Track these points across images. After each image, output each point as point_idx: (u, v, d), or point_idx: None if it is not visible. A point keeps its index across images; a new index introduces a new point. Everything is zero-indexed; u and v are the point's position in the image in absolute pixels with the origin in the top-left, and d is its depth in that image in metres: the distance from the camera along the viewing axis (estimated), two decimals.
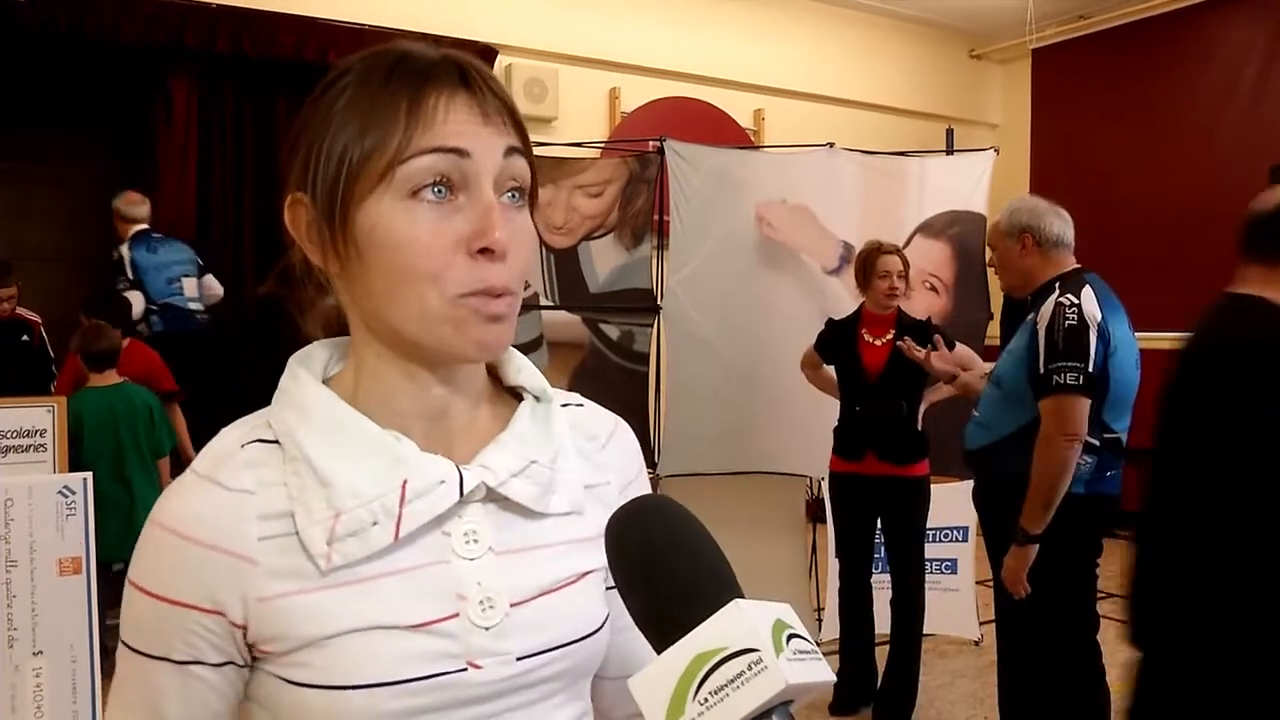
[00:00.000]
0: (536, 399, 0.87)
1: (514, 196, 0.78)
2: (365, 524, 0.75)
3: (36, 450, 3.13)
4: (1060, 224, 3.03)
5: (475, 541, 0.78)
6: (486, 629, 0.77)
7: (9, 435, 3.09)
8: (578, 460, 0.86)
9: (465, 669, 0.76)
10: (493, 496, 0.80)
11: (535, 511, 0.81)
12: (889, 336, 3.80)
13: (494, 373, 0.88)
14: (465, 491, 0.78)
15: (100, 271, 6.72)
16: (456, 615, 0.76)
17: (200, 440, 0.95)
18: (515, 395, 0.88)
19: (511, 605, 0.78)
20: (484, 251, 0.74)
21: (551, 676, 0.80)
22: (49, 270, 6.35)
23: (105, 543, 3.93)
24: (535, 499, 0.81)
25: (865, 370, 3.81)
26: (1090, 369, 2.77)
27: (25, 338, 4.79)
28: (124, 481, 4.24)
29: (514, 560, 0.80)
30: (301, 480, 0.76)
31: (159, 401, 4.47)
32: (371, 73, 0.76)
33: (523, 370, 0.88)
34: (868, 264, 3.83)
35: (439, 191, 0.74)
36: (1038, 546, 2.87)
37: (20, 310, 4.84)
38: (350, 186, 0.74)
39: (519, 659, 0.78)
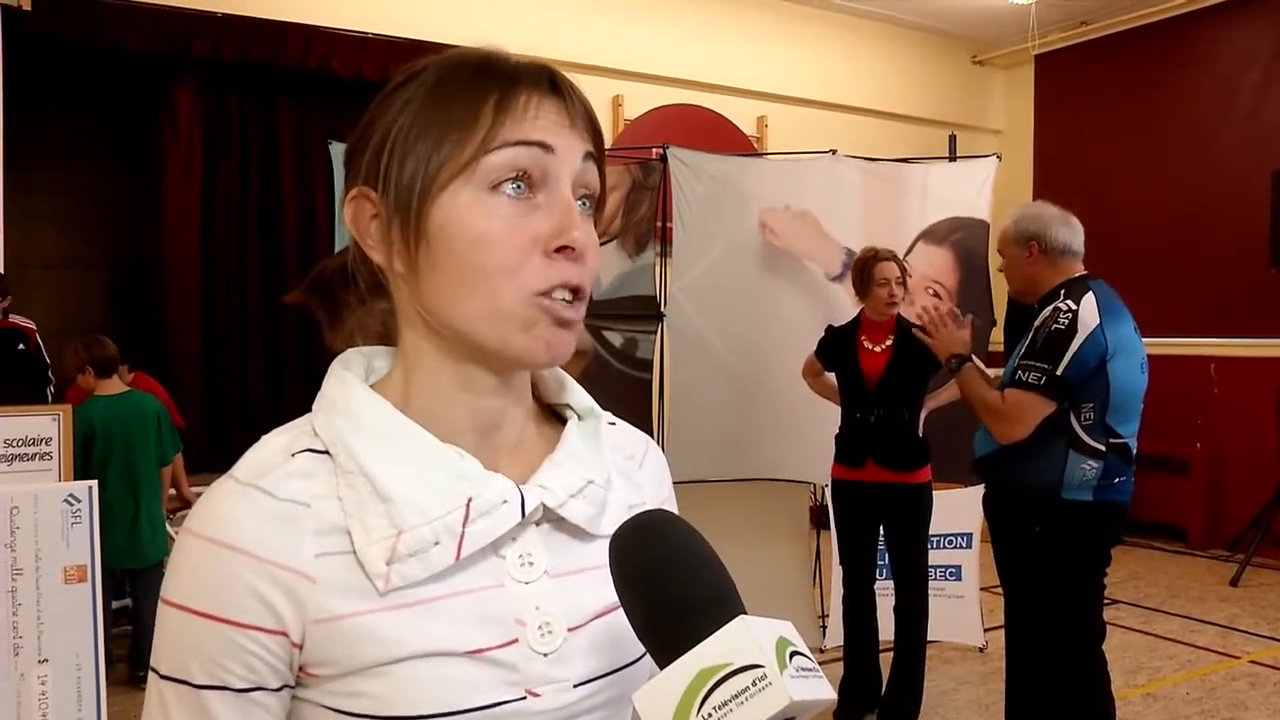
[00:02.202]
0: (580, 417, 0.85)
1: (585, 204, 0.76)
2: (427, 543, 0.71)
3: (42, 459, 3.12)
4: (1067, 232, 3.02)
5: (530, 564, 0.75)
6: (545, 655, 0.74)
7: (14, 444, 3.09)
8: (619, 480, 0.84)
9: (524, 697, 0.73)
10: (547, 517, 0.77)
11: (587, 533, 0.79)
12: (888, 343, 3.80)
13: (536, 392, 0.86)
14: (526, 512, 0.75)
15: (106, 279, 6.75)
16: (515, 641, 0.73)
17: None
18: (557, 416, 0.86)
19: (569, 630, 0.75)
20: (561, 250, 0.72)
21: (604, 703, 0.77)
22: (53, 277, 6.37)
23: (110, 549, 3.96)
24: (590, 520, 0.78)
25: (864, 377, 3.81)
26: (1058, 372, 2.79)
27: (21, 346, 4.79)
28: (132, 488, 4.26)
29: (568, 583, 0.77)
30: (358, 494, 0.72)
31: (165, 409, 4.50)
32: (455, 70, 0.75)
33: (567, 387, 0.86)
34: (865, 271, 3.82)
35: (518, 188, 0.72)
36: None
37: (15, 318, 4.85)
38: (430, 179, 0.72)
39: (576, 686, 0.75)
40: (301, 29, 6.15)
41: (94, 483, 3.01)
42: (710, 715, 0.57)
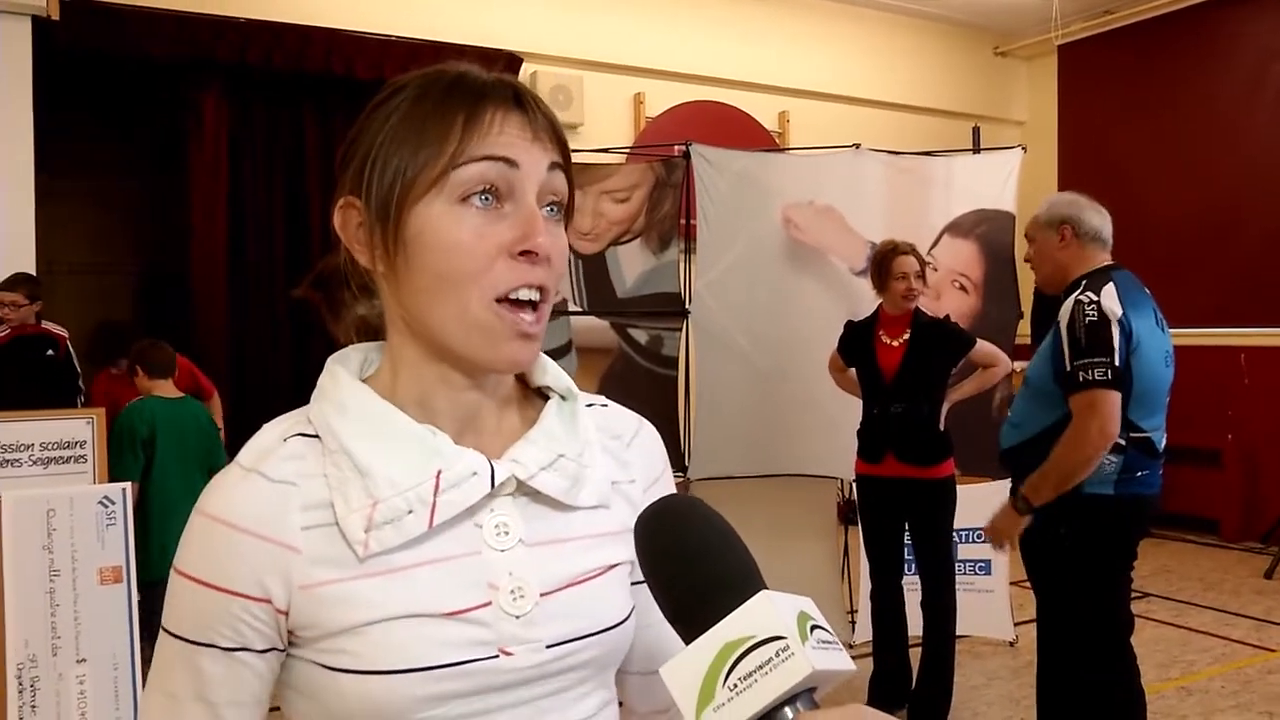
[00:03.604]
0: (562, 398, 0.91)
1: (553, 210, 0.83)
2: (401, 512, 0.78)
3: (77, 461, 3.18)
4: (1099, 219, 3.00)
5: (506, 533, 0.82)
6: (517, 617, 0.80)
7: (50, 447, 3.15)
8: (604, 457, 0.90)
9: (497, 656, 0.79)
10: (524, 490, 0.84)
11: (564, 504, 0.85)
12: (905, 337, 3.78)
13: (521, 375, 0.92)
14: (496, 483, 0.81)
15: (134, 284, 6.83)
16: (489, 604, 0.79)
17: None
18: (541, 396, 0.92)
19: (541, 595, 0.81)
20: (525, 254, 0.79)
21: (580, 665, 0.83)
22: (82, 282, 6.46)
23: (170, 553, 4.04)
24: (564, 492, 0.85)
25: (881, 372, 3.79)
26: (1116, 363, 2.76)
27: (50, 352, 4.85)
28: (191, 492, 4.32)
29: (544, 552, 0.83)
30: (341, 471, 0.79)
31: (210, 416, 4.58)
32: (430, 88, 0.81)
33: (549, 371, 0.91)
34: (883, 265, 3.79)
35: (486, 199, 0.79)
36: (1031, 517, 2.93)
37: (46, 324, 4.91)
38: (405, 190, 0.79)
39: (549, 646, 0.81)
40: (324, 33, 6.20)
41: (128, 485, 3.06)
42: (736, 685, 0.59)
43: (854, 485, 4.23)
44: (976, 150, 5.33)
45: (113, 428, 4.11)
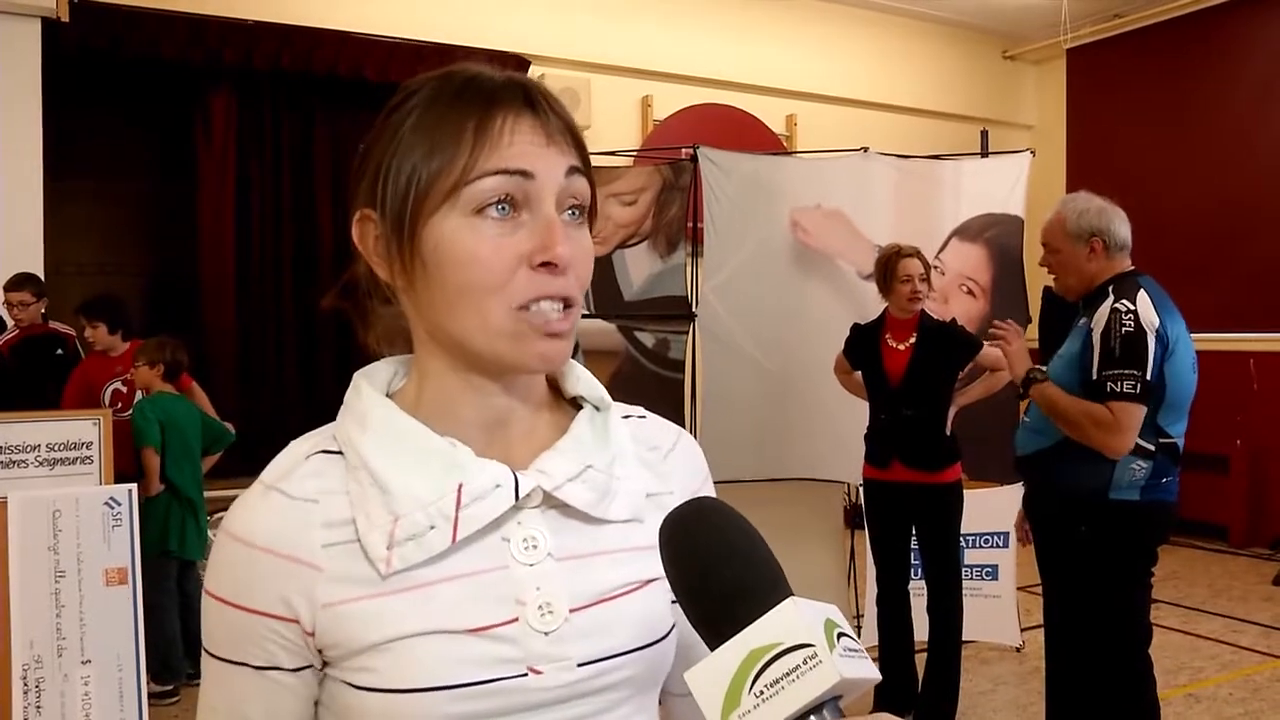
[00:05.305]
0: (595, 408, 0.88)
1: (574, 214, 0.80)
2: (423, 528, 0.76)
3: (83, 462, 3.18)
4: (1125, 227, 2.93)
5: (534, 547, 0.79)
6: (545, 634, 0.77)
7: (56, 448, 3.15)
8: (639, 469, 0.87)
9: (525, 674, 0.76)
10: (552, 502, 0.81)
11: (595, 518, 0.82)
12: (911, 340, 3.76)
13: (554, 383, 0.90)
14: (521, 495, 0.79)
15: (143, 285, 6.84)
16: (515, 620, 0.77)
17: None
18: (575, 405, 0.89)
19: (571, 611, 0.78)
20: (545, 265, 0.76)
21: (615, 684, 0.80)
22: (91, 283, 6.46)
23: (194, 542, 4.28)
24: (592, 504, 0.82)
25: (888, 376, 3.77)
26: (1148, 377, 2.72)
27: (59, 351, 4.88)
28: (194, 481, 4.40)
29: (573, 566, 0.80)
30: (362, 488, 0.77)
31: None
32: (440, 94, 0.78)
33: (582, 380, 0.89)
34: (888, 268, 3.77)
35: (502, 209, 0.76)
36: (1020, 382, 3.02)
37: (54, 324, 4.94)
38: (418, 205, 0.77)
39: (580, 665, 0.78)
40: (332, 35, 6.21)
41: (133, 486, 3.07)
42: (763, 693, 0.58)
43: (859, 489, 4.21)
44: (985, 154, 5.30)
45: (135, 421, 4.24)
